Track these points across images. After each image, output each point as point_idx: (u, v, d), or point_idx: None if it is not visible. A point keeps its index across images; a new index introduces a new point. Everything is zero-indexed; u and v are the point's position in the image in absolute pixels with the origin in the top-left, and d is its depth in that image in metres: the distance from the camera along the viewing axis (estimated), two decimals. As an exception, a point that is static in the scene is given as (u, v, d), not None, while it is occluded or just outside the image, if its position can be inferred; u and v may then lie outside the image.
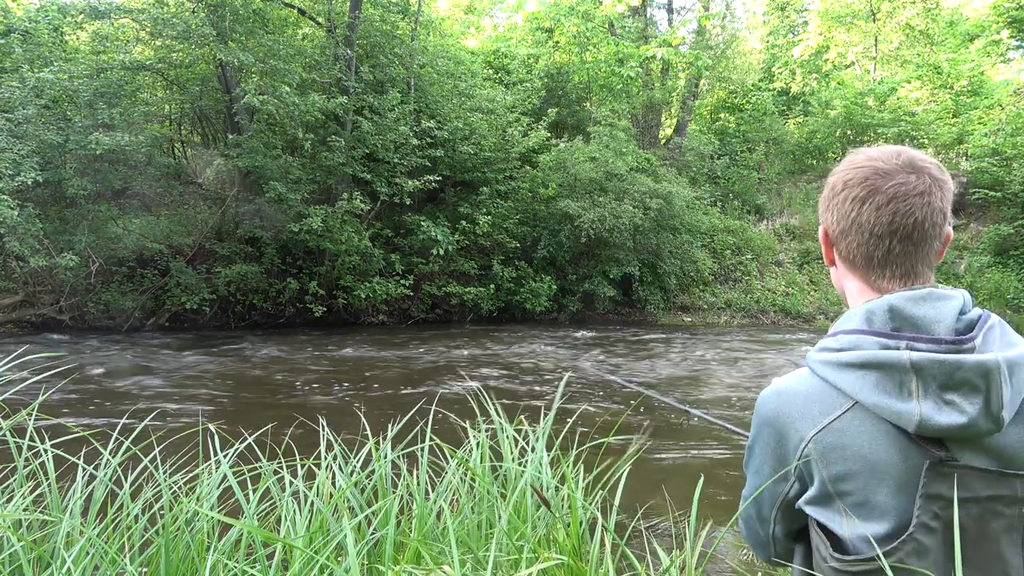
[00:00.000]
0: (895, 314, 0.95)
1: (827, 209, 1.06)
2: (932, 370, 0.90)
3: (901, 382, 0.91)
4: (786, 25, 28.94)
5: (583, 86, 19.70)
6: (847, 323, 1.00)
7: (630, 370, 9.39)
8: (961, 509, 0.91)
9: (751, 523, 1.14)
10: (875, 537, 0.92)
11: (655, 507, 3.59)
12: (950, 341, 0.92)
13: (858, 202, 1.00)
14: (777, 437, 1.02)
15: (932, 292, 0.97)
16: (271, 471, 2.07)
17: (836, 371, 0.96)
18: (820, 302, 16.79)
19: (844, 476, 0.94)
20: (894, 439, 0.92)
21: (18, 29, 13.05)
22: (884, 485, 0.92)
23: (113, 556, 1.61)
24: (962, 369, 0.89)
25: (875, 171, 1.00)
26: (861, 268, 1.03)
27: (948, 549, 0.91)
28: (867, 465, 0.93)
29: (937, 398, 0.90)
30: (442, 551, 1.73)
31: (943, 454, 0.91)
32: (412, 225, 14.55)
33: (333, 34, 14.16)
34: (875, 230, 0.99)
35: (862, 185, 1.00)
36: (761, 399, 1.06)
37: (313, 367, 9.35)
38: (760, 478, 1.07)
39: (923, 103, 21.29)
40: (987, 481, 0.92)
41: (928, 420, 0.89)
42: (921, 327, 0.94)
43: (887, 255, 1.00)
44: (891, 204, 0.98)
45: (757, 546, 1.16)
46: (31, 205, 10.89)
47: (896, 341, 0.93)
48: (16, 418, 1.97)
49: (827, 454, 0.95)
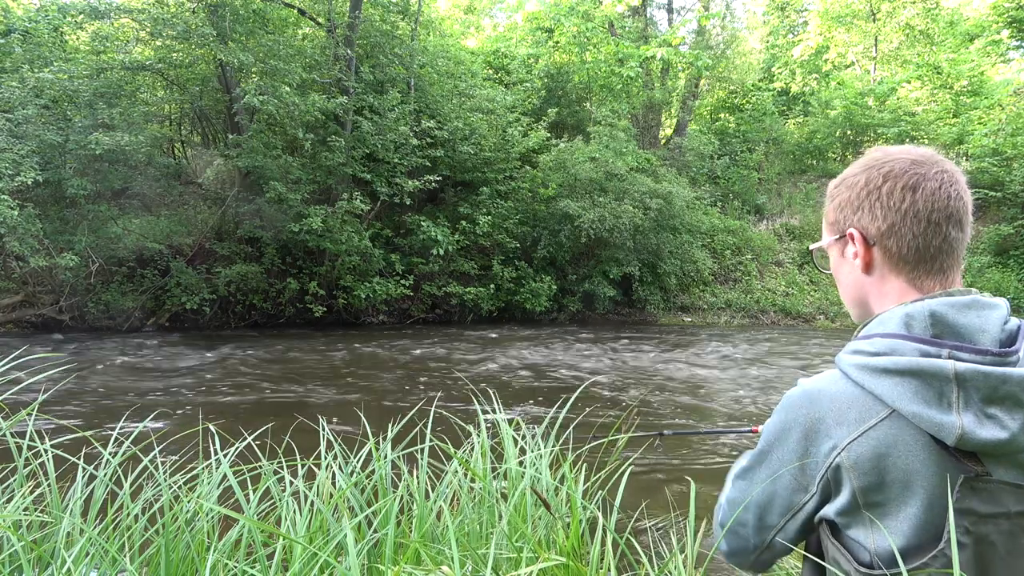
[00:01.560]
0: (936, 320, 0.91)
1: (860, 208, 1.00)
2: (976, 382, 0.86)
3: (941, 392, 0.87)
4: (786, 25, 28.95)
5: (583, 86, 19.70)
6: (883, 326, 0.95)
7: (629, 370, 9.39)
8: (991, 524, 0.89)
9: (742, 529, 1.08)
10: (903, 551, 0.89)
11: (655, 507, 3.59)
12: (996, 353, 0.88)
13: (909, 190, 0.96)
14: (806, 443, 0.96)
15: (977, 299, 0.93)
16: (271, 471, 2.07)
17: (873, 377, 0.91)
18: (820, 302, 16.79)
19: (876, 487, 0.90)
20: (931, 451, 0.88)
21: (18, 29, 13.05)
22: (916, 498, 0.89)
23: (113, 556, 1.61)
24: (1008, 383, 0.86)
25: (913, 162, 0.98)
26: (911, 263, 0.97)
27: (978, 564, 0.89)
28: (901, 476, 0.89)
29: (979, 411, 0.86)
30: (442, 551, 1.73)
31: (979, 469, 0.88)
32: (412, 225, 14.55)
33: (333, 34, 14.16)
34: (932, 216, 0.95)
35: (908, 174, 0.97)
36: (789, 400, 0.99)
37: (313, 367, 9.35)
38: (775, 484, 1.01)
39: (923, 103, 21.30)
40: (1018, 496, 0.89)
41: (970, 434, 0.85)
42: (964, 336, 0.90)
43: (943, 243, 0.96)
44: (942, 189, 0.96)
45: (740, 552, 1.10)
46: (31, 205, 10.89)
47: (938, 349, 0.89)
48: (16, 418, 1.97)
49: (860, 463, 0.90)
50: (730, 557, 1.13)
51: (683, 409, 7.04)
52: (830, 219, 1.08)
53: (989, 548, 0.89)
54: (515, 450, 2.21)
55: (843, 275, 1.08)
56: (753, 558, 1.08)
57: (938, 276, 0.97)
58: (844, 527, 0.95)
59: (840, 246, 1.07)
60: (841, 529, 0.96)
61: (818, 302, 16.84)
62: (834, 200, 1.07)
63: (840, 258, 1.08)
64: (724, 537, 1.13)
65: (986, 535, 0.89)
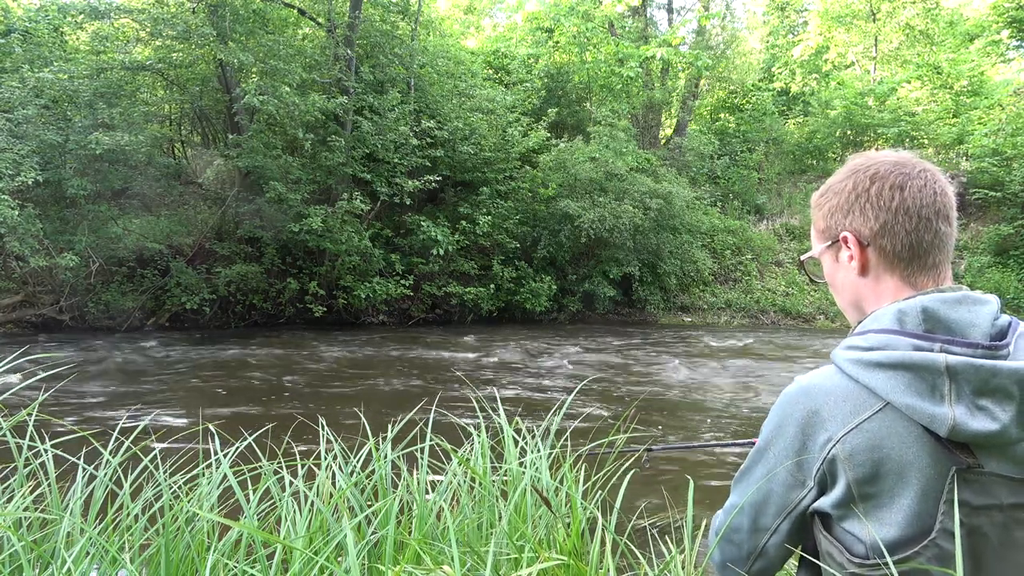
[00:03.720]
0: (928, 316, 0.93)
1: (851, 212, 1.03)
2: (968, 374, 0.88)
3: (934, 385, 0.89)
4: (786, 25, 28.94)
5: (583, 86, 19.71)
6: (876, 322, 0.98)
7: (629, 371, 9.40)
8: (984, 516, 0.90)
9: (737, 535, 1.08)
10: (896, 542, 0.90)
11: (655, 507, 3.59)
12: (986, 346, 0.91)
13: (897, 189, 0.99)
14: (803, 437, 0.97)
15: (967, 295, 0.95)
16: (271, 471, 2.07)
17: (866, 370, 0.94)
18: (820, 302, 16.79)
19: (871, 478, 0.92)
20: (924, 443, 0.90)
21: (18, 29, 13.06)
22: (910, 489, 0.90)
23: (113, 556, 1.61)
24: (998, 375, 0.88)
25: (895, 163, 1.01)
26: (905, 260, 1.00)
27: (971, 556, 0.90)
28: (896, 468, 0.91)
29: (970, 403, 0.88)
30: (442, 551, 1.74)
31: (971, 460, 0.89)
32: (412, 225, 14.55)
33: (333, 34, 14.17)
34: (923, 212, 0.98)
35: (894, 174, 1.00)
36: (786, 396, 1.02)
37: (313, 367, 9.35)
38: (771, 483, 1.02)
39: (923, 103, 21.30)
40: (1011, 488, 0.91)
41: (962, 425, 0.87)
42: (956, 330, 0.92)
43: (935, 238, 0.99)
44: (928, 186, 0.99)
45: (734, 562, 1.09)
46: (31, 205, 10.89)
47: (930, 343, 0.91)
48: (16, 418, 1.97)
49: (855, 455, 0.92)
50: (723, 570, 1.12)
51: (683, 410, 7.04)
52: (820, 227, 1.10)
53: (982, 540, 0.90)
54: (515, 450, 2.21)
55: (838, 280, 1.09)
56: (747, 568, 1.08)
57: (931, 272, 1.00)
58: (839, 520, 0.96)
59: (833, 252, 1.08)
60: (835, 522, 0.97)
61: (818, 302, 16.85)
62: (822, 208, 1.08)
63: (834, 264, 1.09)
64: (718, 546, 1.13)
65: (979, 527, 0.90)
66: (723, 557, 1.12)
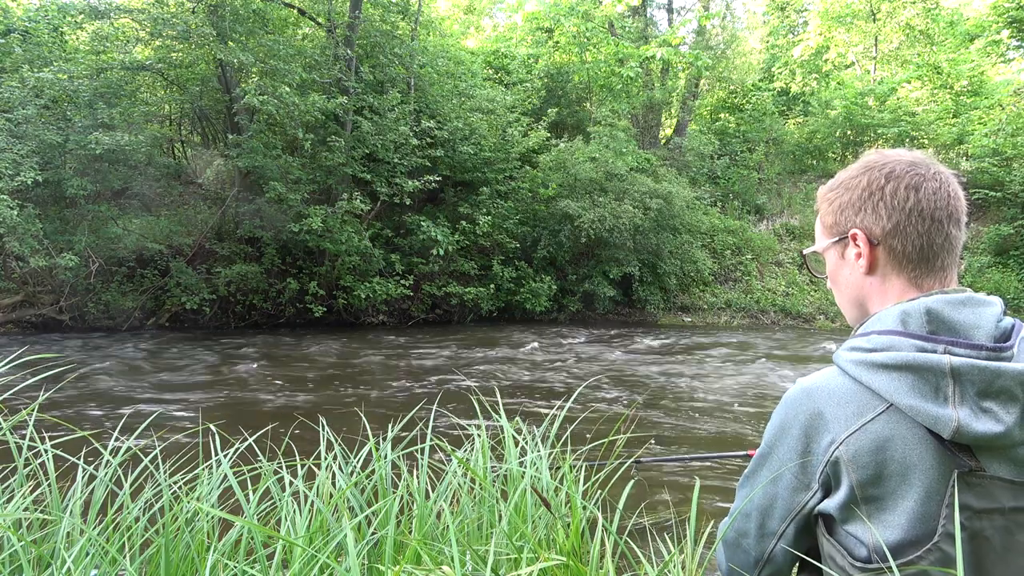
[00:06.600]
0: (932, 317, 0.93)
1: (863, 209, 1.01)
2: (971, 376, 0.88)
3: (937, 386, 0.88)
4: (786, 25, 28.93)
5: (583, 86, 19.71)
6: (880, 324, 0.97)
7: (629, 371, 9.40)
8: (986, 520, 0.89)
9: (743, 541, 1.07)
10: (899, 544, 0.90)
11: (656, 507, 3.59)
12: (990, 348, 0.90)
13: (912, 189, 0.98)
14: (806, 439, 0.97)
15: (971, 297, 0.95)
16: (271, 471, 2.07)
17: (870, 372, 0.93)
18: (820, 302, 16.79)
19: (874, 480, 0.91)
20: (927, 445, 0.90)
21: (18, 29, 13.05)
22: (913, 491, 0.90)
23: (113, 556, 1.61)
24: (1002, 377, 0.88)
25: (911, 163, 1.00)
26: (914, 261, 0.99)
27: (973, 559, 0.89)
28: (899, 470, 0.90)
29: (974, 405, 0.88)
30: (442, 551, 1.74)
31: (973, 463, 0.89)
32: (412, 225, 14.55)
33: (333, 34, 14.17)
34: (936, 214, 0.97)
35: (909, 174, 0.99)
36: (788, 399, 1.01)
37: (313, 367, 9.35)
38: (776, 486, 1.01)
39: (923, 103, 21.29)
40: (1013, 492, 0.90)
41: (966, 427, 0.87)
42: (959, 332, 0.92)
43: (945, 241, 0.98)
44: (942, 188, 0.98)
45: (744, 567, 1.08)
46: (31, 205, 10.89)
47: (933, 344, 0.91)
48: (16, 418, 1.97)
49: (859, 457, 0.91)
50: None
51: (683, 411, 7.04)
52: (827, 222, 1.08)
53: (984, 543, 0.90)
54: (515, 450, 2.21)
55: (842, 277, 1.08)
56: (756, 572, 1.07)
57: (939, 274, 0.99)
58: (842, 522, 0.95)
59: (840, 248, 1.07)
60: (838, 525, 0.96)
61: (818, 302, 16.84)
62: (832, 203, 1.07)
63: (839, 260, 1.08)
64: (726, 552, 1.12)
65: (981, 530, 0.90)
66: (733, 562, 1.11)
